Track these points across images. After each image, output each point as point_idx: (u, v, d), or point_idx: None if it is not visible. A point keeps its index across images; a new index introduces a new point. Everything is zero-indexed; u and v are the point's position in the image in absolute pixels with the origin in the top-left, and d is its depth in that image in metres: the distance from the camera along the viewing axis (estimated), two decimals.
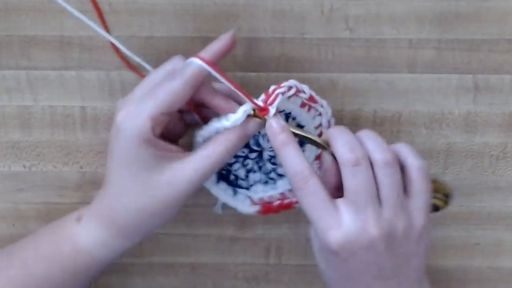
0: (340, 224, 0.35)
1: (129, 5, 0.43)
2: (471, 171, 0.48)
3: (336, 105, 0.45)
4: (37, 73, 0.45)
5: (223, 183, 0.43)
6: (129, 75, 0.44)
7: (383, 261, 0.36)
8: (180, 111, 0.41)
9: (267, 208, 0.44)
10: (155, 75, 0.39)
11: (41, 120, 0.46)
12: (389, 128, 0.46)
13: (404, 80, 0.45)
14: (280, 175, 0.44)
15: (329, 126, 0.43)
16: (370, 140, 0.37)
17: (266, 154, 0.44)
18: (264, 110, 0.38)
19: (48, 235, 0.42)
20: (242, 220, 0.49)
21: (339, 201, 0.36)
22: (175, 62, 0.39)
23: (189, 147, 0.41)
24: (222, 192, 0.43)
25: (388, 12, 0.43)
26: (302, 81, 0.45)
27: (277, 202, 0.44)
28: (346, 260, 0.36)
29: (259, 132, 0.42)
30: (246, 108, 0.38)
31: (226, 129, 0.38)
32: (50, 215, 0.48)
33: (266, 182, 0.44)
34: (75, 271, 0.41)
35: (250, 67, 0.44)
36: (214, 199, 0.45)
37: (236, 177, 0.44)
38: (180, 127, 0.42)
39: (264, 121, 0.38)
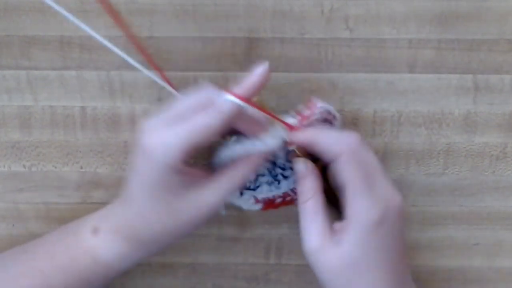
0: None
1: (129, 5, 0.43)
2: (471, 171, 0.48)
3: (336, 105, 0.45)
4: (37, 73, 0.45)
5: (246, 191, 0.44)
6: (129, 75, 0.44)
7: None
8: None
9: (269, 205, 0.44)
10: (188, 102, 0.38)
11: (41, 120, 0.46)
12: (389, 128, 0.46)
13: (404, 80, 0.45)
14: (285, 177, 0.44)
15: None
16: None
17: (279, 162, 0.44)
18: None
19: (63, 245, 0.42)
20: (242, 220, 0.49)
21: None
22: (208, 93, 0.38)
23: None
24: (245, 201, 0.44)
25: (388, 12, 0.43)
26: (302, 81, 0.45)
27: (279, 200, 0.44)
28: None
29: None
30: (282, 134, 0.39)
31: (256, 151, 0.39)
32: (50, 215, 0.48)
33: (271, 183, 0.44)
34: (92, 281, 0.41)
35: (250, 67, 0.44)
36: None
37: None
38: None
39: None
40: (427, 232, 0.49)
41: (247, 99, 0.37)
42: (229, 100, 0.37)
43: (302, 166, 0.40)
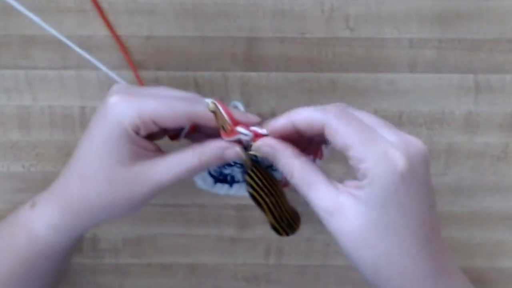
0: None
1: (129, 5, 0.43)
2: (472, 171, 0.47)
3: None
4: (36, 73, 0.45)
5: (220, 183, 0.43)
6: (129, 75, 0.44)
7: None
8: None
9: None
10: (170, 89, 0.38)
11: (40, 120, 0.46)
12: None
13: (405, 80, 0.45)
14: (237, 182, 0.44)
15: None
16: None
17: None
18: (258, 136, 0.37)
19: (4, 225, 0.41)
20: (242, 220, 0.49)
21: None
22: (192, 94, 0.38)
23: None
24: (218, 189, 0.43)
25: (389, 12, 0.43)
26: (302, 81, 0.45)
27: None
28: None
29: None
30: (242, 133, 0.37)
31: (204, 145, 0.37)
32: None
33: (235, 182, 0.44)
34: (33, 261, 0.39)
35: (250, 67, 0.44)
36: (213, 199, 0.44)
37: (233, 177, 0.44)
38: (160, 135, 0.41)
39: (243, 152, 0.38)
40: None
41: (226, 109, 0.36)
42: (208, 101, 0.36)
43: (270, 143, 0.36)
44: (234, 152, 0.37)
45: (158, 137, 0.40)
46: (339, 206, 0.32)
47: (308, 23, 0.43)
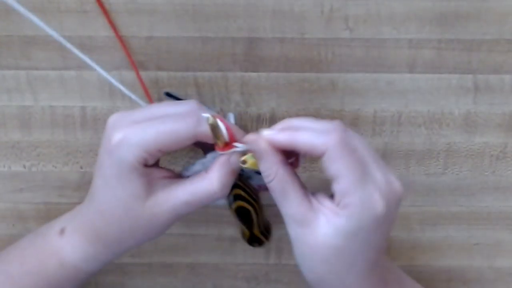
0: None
1: (129, 5, 0.43)
2: (471, 171, 0.48)
3: (336, 105, 0.45)
4: (37, 73, 0.45)
5: None
6: (129, 75, 0.44)
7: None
8: None
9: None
10: (165, 106, 0.37)
11: (41, 120, 0.46)
12: (389, 128, 0.46)
13: (404, 80, 0.45)
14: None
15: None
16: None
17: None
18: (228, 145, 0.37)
19: (32, 249, 0.41)
20: None
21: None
22: (191, 106, 0.37)
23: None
24: None
25: (388, 12, 0.43)
26: (302, 81, 0.45)
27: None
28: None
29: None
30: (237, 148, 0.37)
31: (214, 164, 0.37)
32: (50, 215, 0.48)
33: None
34: (61, 284, 0.40)
35: (250, 67, 0.44)
36: None
37: None
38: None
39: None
40: (427, 232, 0.49)
41: (227, 125, 0.36)
42: (206, 117, 0.35)
43: (262, 144, 0.36)
44: (236, 156, 0.37)
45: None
46: (309, 220, 0.35)
47: (308, 23, 0.43)
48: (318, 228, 0.34)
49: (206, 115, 0.35)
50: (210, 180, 0.37)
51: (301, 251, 0.36)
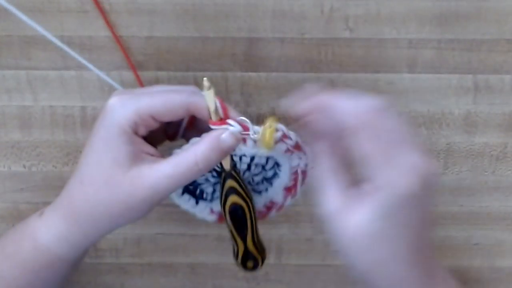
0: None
1: (129, 5, 0.43)
2: (471, 171, 0.48)
3: None
4: (37, 73, 0.45)
5: (187, 195, 0.42)
6: (129, 75, 0.44)
7: None
8: (167, 123, 0.39)
9: (222, 219, 0.42)
10: (164, 86, 0.38)
11: (41, 120, 0.46)
12: None
13: (404, 80, 0.45)
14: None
15: (306, 169, 0.41)
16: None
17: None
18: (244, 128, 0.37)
19: (12, 232, 0.41)
20: None
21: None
22: (190, 87, 0.38)
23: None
24: (184, 202, 0.42)
25: (388, 12, 0.43)
26: (302, 81, 0.45)
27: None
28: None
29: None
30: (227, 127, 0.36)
31: (198, 142, 0.36)
32: None
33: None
34: (36, 270, 0.39)
35: (250, 67, 0.44)
36: None
37: (202, 192, 0.43)
38: (161, 138, 0.41)
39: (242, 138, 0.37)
40: None
41: (224, 106, 0.36)
42: (204, 94, 0.35)
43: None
44: (229, 134, 0.36)
45: (158, 141, 0.40)
46: (346, 210, 0.34)
47: (308, 23, 0.43)
48: (356, 217, 0.33)
49: (208, 93, 0.35)
50: (194, 151, 0.36)
51: (343, 246, 0.35)
